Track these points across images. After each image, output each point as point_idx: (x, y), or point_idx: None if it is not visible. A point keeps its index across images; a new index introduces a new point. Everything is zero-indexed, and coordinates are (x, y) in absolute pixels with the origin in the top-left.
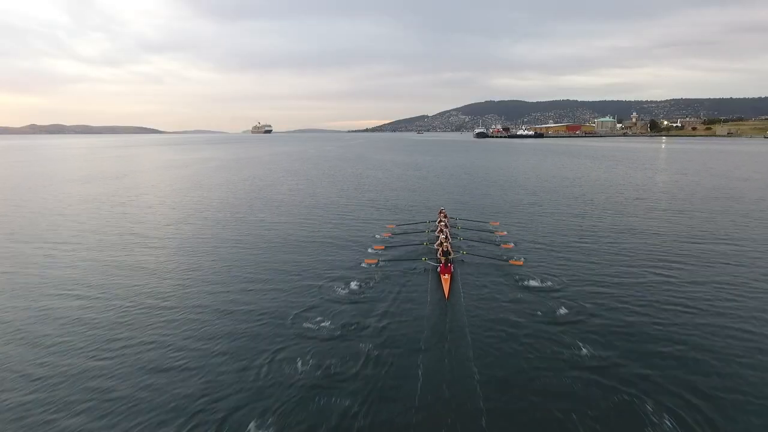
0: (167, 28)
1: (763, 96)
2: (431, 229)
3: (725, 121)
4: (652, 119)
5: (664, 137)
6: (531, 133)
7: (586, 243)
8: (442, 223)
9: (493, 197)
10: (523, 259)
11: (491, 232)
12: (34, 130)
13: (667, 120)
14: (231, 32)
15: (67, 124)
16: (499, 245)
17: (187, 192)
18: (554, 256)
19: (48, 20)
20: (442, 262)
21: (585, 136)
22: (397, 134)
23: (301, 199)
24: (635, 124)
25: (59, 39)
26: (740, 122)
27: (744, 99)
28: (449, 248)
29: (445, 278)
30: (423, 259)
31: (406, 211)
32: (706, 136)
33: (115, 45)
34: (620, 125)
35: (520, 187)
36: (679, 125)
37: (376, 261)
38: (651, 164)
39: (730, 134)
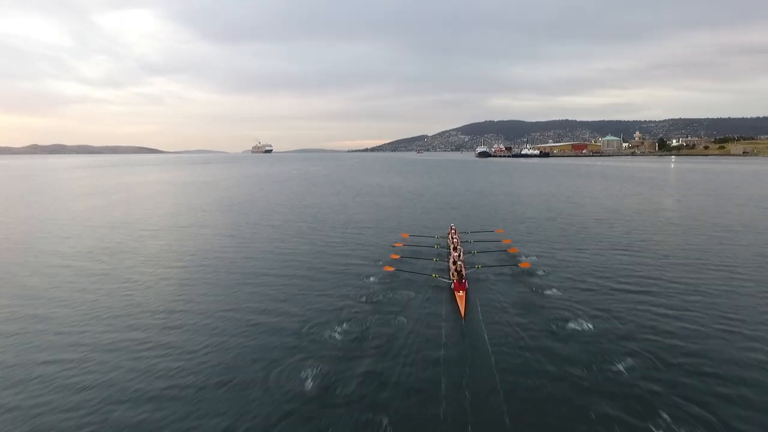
0: (169, 50)
1: (761, 116)
2: (441, 245)
3: (733, 139)
4: (661, 138)
5: (674, 156)
6: (536, 152)
7: (611, 262)
8: (455, 239)
9: (507, 214)
10: (540, 276)
11: (505, 249)
12: (35, 150)
13: (668, 139)
14: (232, 54)
15: (69, 144)
16: (515, 262)
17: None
18: (574, 275)
19: (53, 43)
20: (456, 279)
21: (592, 156)
22: (397, 154)
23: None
24: (642, 143)
25: (63, 61)
26: (755, 141)
27: (742, 119)
28: (462, 265)
29: (460, 295)
30: (433, 275)
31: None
32: (721, 155)
33: (118, 67)
34: (626, 144)
35: (538, 206)
36: (685, 144)
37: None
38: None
39: (745, 153)
